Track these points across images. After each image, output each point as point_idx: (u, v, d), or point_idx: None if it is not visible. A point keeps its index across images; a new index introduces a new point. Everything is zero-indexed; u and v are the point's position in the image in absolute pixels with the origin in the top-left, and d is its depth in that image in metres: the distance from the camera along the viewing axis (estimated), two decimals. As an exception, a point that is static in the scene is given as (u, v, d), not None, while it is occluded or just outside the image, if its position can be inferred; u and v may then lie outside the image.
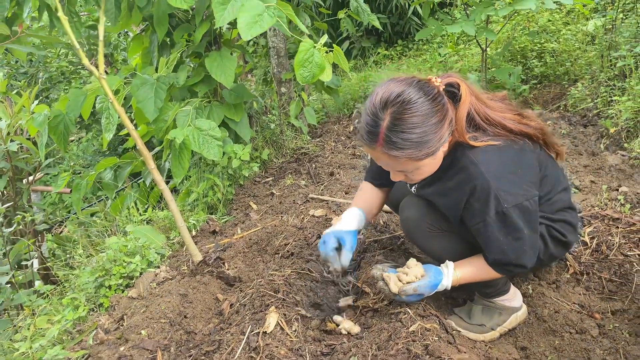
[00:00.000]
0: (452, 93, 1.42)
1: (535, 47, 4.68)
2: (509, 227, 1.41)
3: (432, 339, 1.47)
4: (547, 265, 1.87)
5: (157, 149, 3.69)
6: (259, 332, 1.54)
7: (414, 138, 1.30)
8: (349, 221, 1.71)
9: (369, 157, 1.87)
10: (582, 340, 1.62)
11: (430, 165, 1.41)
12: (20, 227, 2.89)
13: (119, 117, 2.48)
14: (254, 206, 2.89)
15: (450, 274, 1.54)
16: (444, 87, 1.39)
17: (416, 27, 6.64)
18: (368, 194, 1.85)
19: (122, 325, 1.79)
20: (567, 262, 1.93)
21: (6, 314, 2.47)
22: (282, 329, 1.58)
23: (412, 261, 1.59)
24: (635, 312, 1.70)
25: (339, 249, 1.66)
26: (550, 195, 1.54)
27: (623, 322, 1.67)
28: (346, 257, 1.65)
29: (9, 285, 2.49)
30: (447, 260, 1.58)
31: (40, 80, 6.39)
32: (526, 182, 1.44)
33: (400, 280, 1.54)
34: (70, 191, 4.98)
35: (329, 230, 1.70)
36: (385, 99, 1.32)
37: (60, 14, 1.75)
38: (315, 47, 2.42)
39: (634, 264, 1.87)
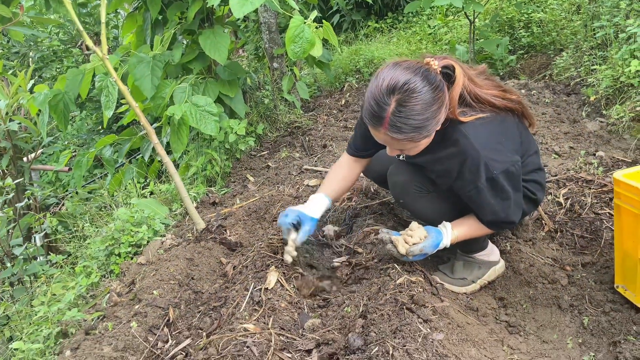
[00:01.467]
0: (447, 75, 1.54)
1: (523, 18, 4.76)
2: (498, 190, 1.57)
3: (417, 290, 1.63)
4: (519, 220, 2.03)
5: (155, 125, 3.79)
6: (261, 289, 1.69)
7: (416, 123, 1.42)
8: (314, 208, 1.86)
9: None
10: (553, 289, 1.80)
11: (427, 143, 1.55)
12: (30, 202, 3.01)
13: (118, 95, 2.59)
14: (251, 178, 3.03)
15: (449, 233, 1.70)
16: (440, 69, 1.51)
17: (406, -1, 6.67)
18: (344, 172, 1.98)
19: (134, 288, 1.94)
20: (543, 221, 2.09)
21: (20, 283, 2.62)
22: (282, 285, 1.74)
23: (414, 224, 1.73)
24: (602, 263, 1.87)
25: (297, 226, 1.82)
26: (524, 158, 1.69)
27: (591, 273, 1.84)
28: (300, 238, 1.81)
29: (22, 257, 2.62)
30: (444, 221, 1.73)
31: (32, 59, 6.41)
32: (510, 149, 1.60)
33: (406, 242, 1.69)
34: (69, 169, 5.08)
35: (294, 207, 1.84)
36: (392, 85, 1.42)
37: (64, -3, 1.83)
38: (305, 23, 2.51)
39: (604, 221, 2.03)
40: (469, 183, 1.57)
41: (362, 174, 2.09)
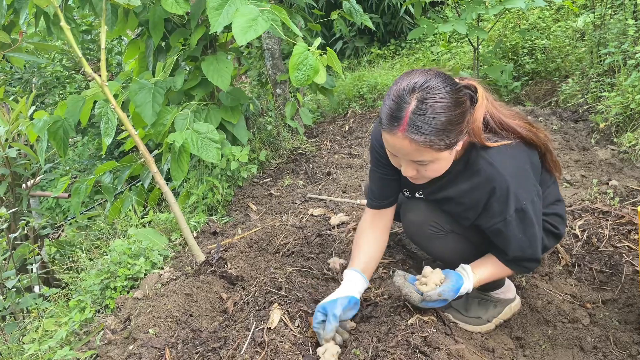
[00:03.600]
0: (469, 95, 1.43)
1: (526, 44, 4.75)
2: (526, 223, 1.45)
3: (430, 330, 1.53)
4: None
5: (155, 152, 3.73)
6: (263, 328, 1.59)
7: (438, 125, 1.29)
8: (346, 287, 1.65)
9: (367, 179, 1.82)
10: (574, 329, 1.69)
11: (446, 160, 1.40)
12: (25, 232, 2.93)
13: (118, 122, 2.54)
14: (253, 207, 2.94)
15: (471, 276, 1.56)
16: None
17: (409, 26, 6.71)
18: (370, 239, 1.77)
19: (129, 325, 1.84)
20: (559, 255, 2.00)
21: (12, 317, 2.51)
22: (285, 324, 1.63)
23: (427, 269, 1.58)
24: (624, 301, 1.76)
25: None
26: (543, 188, 1.59)
27: (613, 311, 1.74)
28: (328, 329, 1.55)
29: (14, 289, 2.52)
30: (462, 264, 1.61)
31: (34, 85, 6.41)
32: (534, 178, 1.49)
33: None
34: (68, 195, 5.01)
35: (321, 302, 1.63)
36: (412, 84, 1.32)
37: (63, 24, 1.79)
38: (309, 50, 2.47)
39: (624, 255, 1.94)
40: (496, 215, 1.45)
41: None
